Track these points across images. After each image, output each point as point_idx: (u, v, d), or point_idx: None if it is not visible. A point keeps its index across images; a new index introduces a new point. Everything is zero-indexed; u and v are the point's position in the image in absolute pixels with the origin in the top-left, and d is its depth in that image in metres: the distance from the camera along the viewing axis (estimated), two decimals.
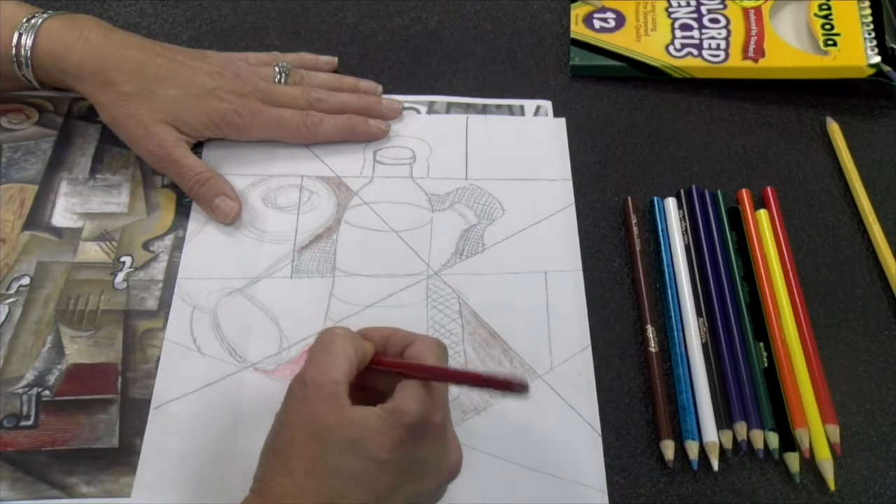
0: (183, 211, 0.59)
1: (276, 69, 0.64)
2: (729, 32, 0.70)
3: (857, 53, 0.68)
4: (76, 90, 0.60)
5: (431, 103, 0.67)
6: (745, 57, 0.69)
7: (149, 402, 0.50)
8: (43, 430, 0.49)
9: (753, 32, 0.70)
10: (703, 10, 0.72)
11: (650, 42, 0.70)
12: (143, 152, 0.59)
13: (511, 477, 0.49)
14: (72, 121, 0.64)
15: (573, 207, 0.61)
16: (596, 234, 0.60)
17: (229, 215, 0.58)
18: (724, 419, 0.51)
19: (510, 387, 0.41)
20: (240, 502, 0.40)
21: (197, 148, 0.61)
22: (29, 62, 0.59)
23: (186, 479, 0.48)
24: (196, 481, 0.48)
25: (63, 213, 0.59)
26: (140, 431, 0.49)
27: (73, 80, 0.59)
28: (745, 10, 0.72)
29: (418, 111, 0.66)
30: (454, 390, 0.51)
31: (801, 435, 0.51)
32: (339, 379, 0.41)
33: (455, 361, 0.53)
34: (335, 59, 0.68)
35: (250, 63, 0.64)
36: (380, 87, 0.66)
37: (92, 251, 0.57)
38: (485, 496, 0.48)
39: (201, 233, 0.58)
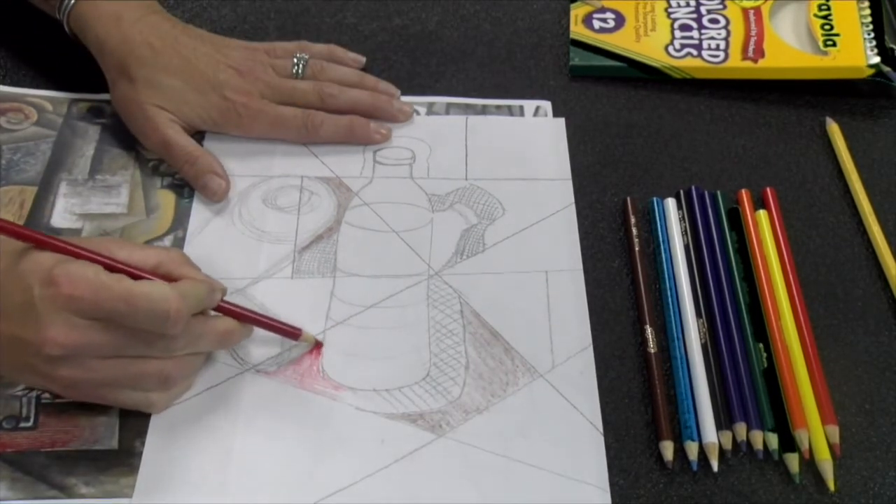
0: (183, 211, 0.59)
1: (294, 60, 0.64)
2: (728, 33, 0.70)
3: (856, 54, 0.68)
4: (96, 58, 0.61)
5: (431, 104, 0.67)
6: (745, 57, 0.69)
7: None
8: (42, 431, 0.49)
9: (753, 33, 0.70)
10: (703, 10, 0.72)
11: (650, 42, 0.70)
12: (138, 133, 0.60)
13: (513, 475, 0.49)
14: (71, 122, 0.64)
15: (573, 207, 0.61)
16: (595, 235, 0.60)
17: (217, 192, 0.59)
18: (724, 420, 0.51)
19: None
20: None
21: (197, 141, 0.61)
22: (66, 14, 0.61)
23: (188, 480, 0.48)
24: (197, 483, 0.48)
25: (62, 213, 0.58)
26: (140, 433, 0.49)
27: (94, 51, 0.61)
28: (745, 11, 0.72)
29: (418, 112, 0.66)
30: (456, 392, 0.52)
31: (800, 436, 0.51)
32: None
33: (456, 361, 0.53)
34: (363, 58, 0.68)
35: (277, 56, 0.64)
36: (398, 92, 0.66)
37: None
38: (486, 495, 0.48)
39: (201, 233, 0.58)
